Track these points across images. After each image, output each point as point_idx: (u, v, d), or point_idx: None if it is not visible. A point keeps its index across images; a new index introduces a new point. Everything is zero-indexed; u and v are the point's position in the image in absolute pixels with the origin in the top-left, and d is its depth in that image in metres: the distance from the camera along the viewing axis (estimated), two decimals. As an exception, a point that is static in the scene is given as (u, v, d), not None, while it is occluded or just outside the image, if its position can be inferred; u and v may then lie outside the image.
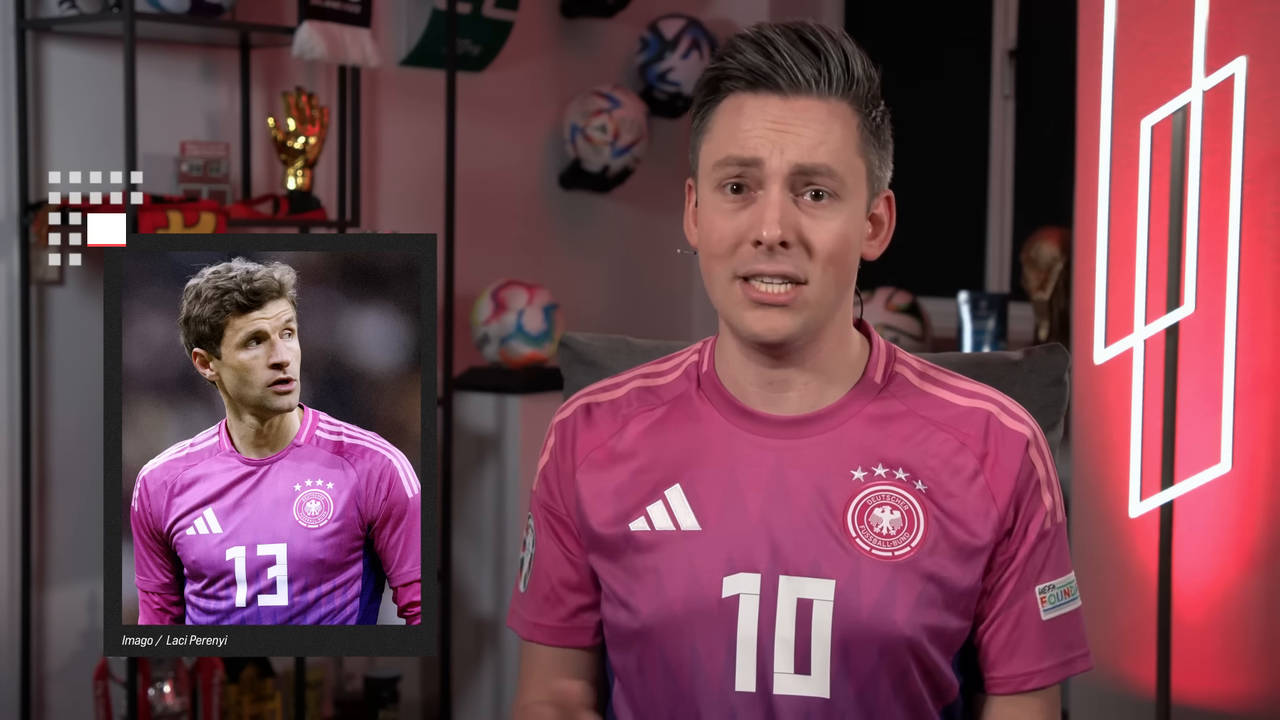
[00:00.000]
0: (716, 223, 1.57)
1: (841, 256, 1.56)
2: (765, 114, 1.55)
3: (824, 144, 1.54)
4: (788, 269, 1.54)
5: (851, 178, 1.57)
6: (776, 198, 1.54)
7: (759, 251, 1.54)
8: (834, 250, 1.55)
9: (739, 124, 1.56)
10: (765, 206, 1.54)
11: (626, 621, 1.62)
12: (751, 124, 1.55)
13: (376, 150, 4.02)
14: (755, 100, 1.56)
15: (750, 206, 1.56)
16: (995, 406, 1.64)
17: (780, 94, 1.55)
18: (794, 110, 1.55)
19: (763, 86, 1.56)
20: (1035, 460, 1.62)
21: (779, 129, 1.54)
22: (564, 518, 1.68)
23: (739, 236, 1.56)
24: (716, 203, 1.58)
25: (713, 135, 1.59)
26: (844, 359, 1.63)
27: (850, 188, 1.57)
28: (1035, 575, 1.61)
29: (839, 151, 1.55)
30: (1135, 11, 3.12)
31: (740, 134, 1.56)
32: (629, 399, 1.69)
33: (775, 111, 1.55)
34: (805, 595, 1.57)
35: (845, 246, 1.56)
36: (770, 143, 1.54)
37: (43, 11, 3.37)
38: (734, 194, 1.57)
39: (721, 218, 1.57)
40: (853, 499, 1.59)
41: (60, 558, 3.46)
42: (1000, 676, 1.62)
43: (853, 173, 1.57)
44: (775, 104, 1.55)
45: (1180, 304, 3.02)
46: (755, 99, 1.56)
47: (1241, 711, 3.14)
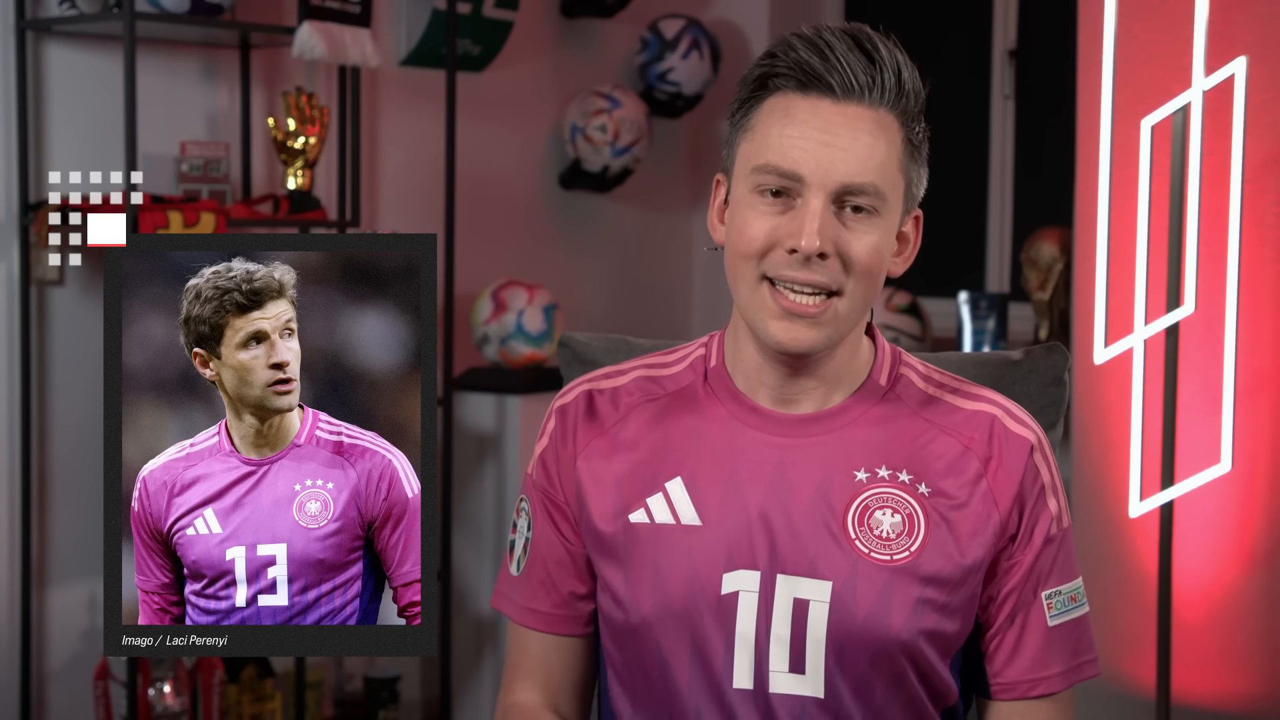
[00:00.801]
0: (751, 221, 1.54)
1: (875, 271, 1.55)
2: (814, 119, 1.52)
3: (870, 159, 1.52)
4: (822, 279, 1.52)
5: (892, 194, 1.55)
6: (818, 210, 1.51)
7: (793, 259, 1.52)
8: (870, 264, 1.54)
9: (785, 130, 1.53)
10: (805, 216, 1.51)
11: (624, 615, 1.61)
12: (799, 131, 1.52)
13: (376, 150, 4.02)
14: (805, 102, 1.53)
15: (789, 213, 1.53)
16: (1000, 410, 1.63)
17: (832, 97, 1.52)
18: (844, 118, 1.52)
19: (814, 88, 1.52)
20: (1039, 465, 1.61)
21: (825, 141, 1.51)
22: (562, 505, 1.67)
23: (773, 240, 1.53)
24: (753, 202, 1.55)
25: (755, 135, 1.55)
26: (852, 363, 1.63)
27: (890, 204, 1.55)
28: (1041, 581, 1.61)
29: (884, 167, 1.53)
30: (1135, 11, 3.12)
31: (786, 142, 1.52)
32: (631, 388, 1.68)
33: (825, 116, 1.52)
34: (801, 595, 1.56)
35: (880, 261, 1.55)
36: (815, 159, 1.51)
37: (43, 11, 3.37)
38: (773, 196, 1.54)
39: (757, 218, 1.54)
40: (854, 500, 1.58)
41: (60, 558, 3.46)
42: (1006, 683, 1.62)
43: (893, 189, 1.55)
44: (826, 108, 1.52)
45: (1180, 304, 3.02)
46: (805, 101, 1.53)
47: (1241, 711, 3.14)
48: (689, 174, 4.80)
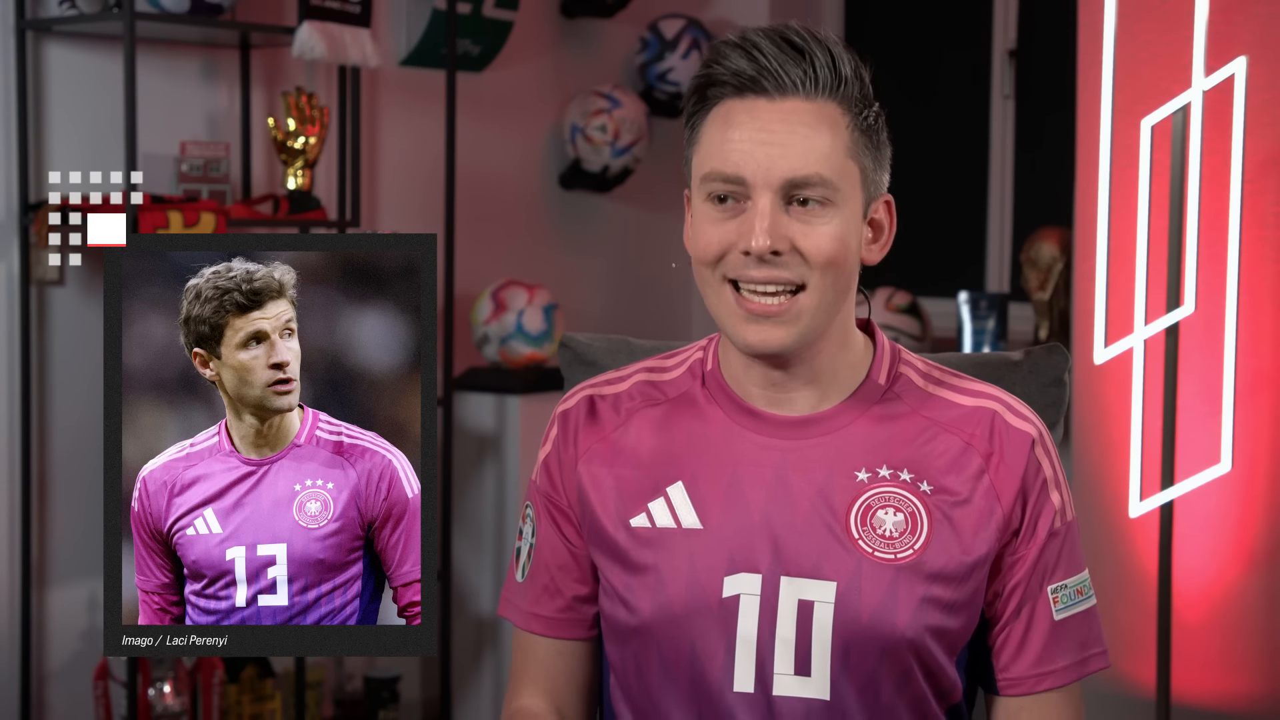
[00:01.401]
0: (705, 229, 1.57)
1: (839, 261, 1.55)
2: (752, 120, 1.53)
3: (812, 151, 1.53)
4: (783, 274, 1.53)
5: (844, 182, 1.55)
6: (765, 208, 1.53)
7: (749, 259, 1.54)
8: (831, 255, 1.54)
9: (726, 135, 1.55)
10: (754, 216, 1.53)
11: (625, 618, 1.61)
12: (739, 134, 1.54)
13: (376, 150, 4.02)
14: (742, 105, 1.54)
15: (739, 216, 1.55)
16: (1000, 405, 1.63)
17: (767, 97, 1.54)
18: (781, 114, 1.53)
19: (749, 91, 1.54)
20: (1041, 459, 1.61)
21: (763, 140, 1.53)
22: (565, 509, 1.67)
23: (726, 245, 1.55)
24: (705, 212, 1.57)
25: (701, 146, 1.58)
26: (847, 361, 1.62)
27: (844, 192, 1.55)
28: (1047, 575, 1.61)
29: (829, 157, 1.53)
30: (1135, 11, 3.12)
31: (727, 146, 1.54)
32: (632, 393, 1.68)
33: (763, 117, 1.53)
34: (806, 597, 1.56)
35: (842, 251, 1.55)
36: (754, 159, 1.53)
37: (43, 11, 3.37)
38: (721, 203, 1.56)
39: (710, 225, 1.56)
40: (856, 500, 1.58)
41: (60, 558, 3.46)
42: (1013, 677, 1.62)
43: (845, 177, 1.55)
44: (763, 107, 1.54)
45: (1180, 304, 3.02)
46: (742, 104, 1.54)
47: (1241, 711, 3.14)
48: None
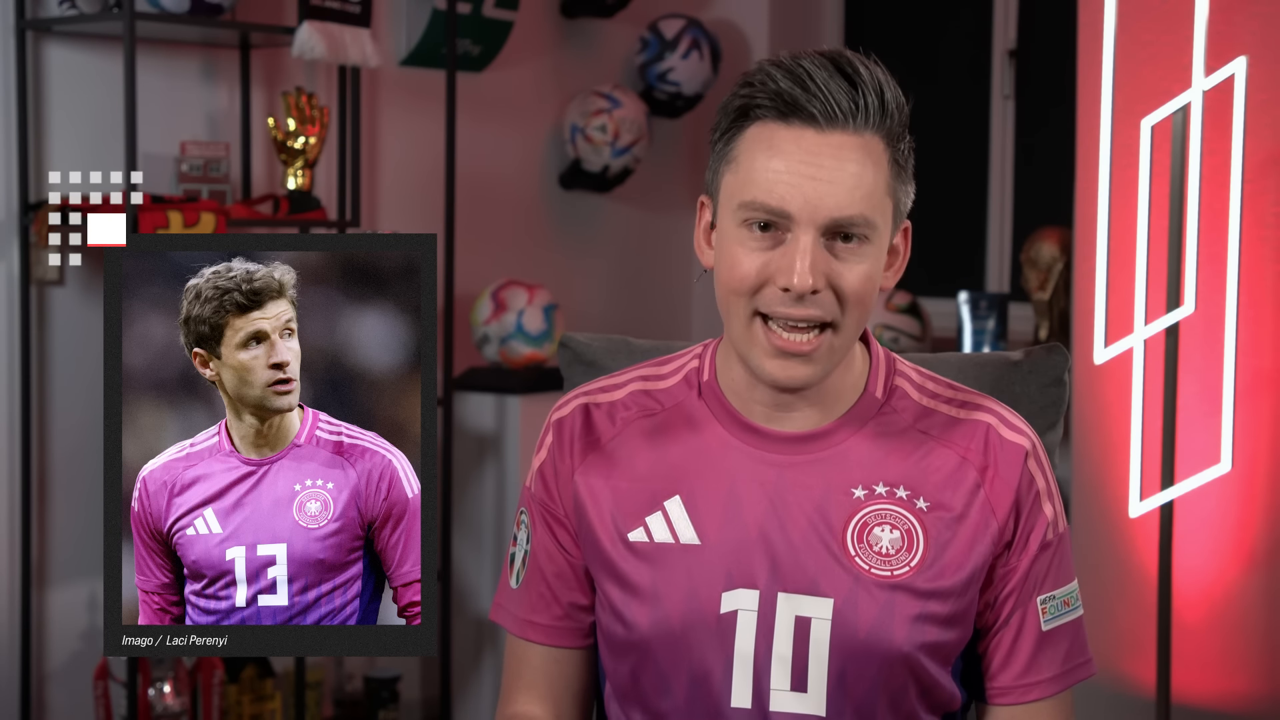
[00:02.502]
0: (741, 259, 1.52)
1: (868, 298, 1.53)
2: (798, 150, 1.49)
3: (859, 189, 1.49)
4: (815, 313, 1.50)
5: (881, 219, 1.52)
6: (808, 246, 1.49)
7: (786, 296, 1.50)
8: (862, 293, 1.52)
9: (770, 163, 1.50)
10: (795, 253, 1.49)
11: (623, 633, 1.61)
12: (784, 164, 1.49)
13: (376, 150, 4.02)
14: (788, 133, 1.50)
15: (778, 248, 1.51)
16: (994, 418, 1.62)
17: (815, 126, 1.49)
18: (830, 147, 1.49)
19: (796, 118, 1.49)
20: (1035, 471, 1.61)
21: (811, 175, 1.48)
22: (562, 517, 1.66)
23: (764, 277, 1.51)
24: (741, 238, 1.52)
25: (739, 167, 1.53)
26: (848, 378, 1.62)
27: (879, 229, 1.52)
28: (1036, 586, 1.60)
29: (872, 195, 1.50)
30: (1135, 11, 3.12)
31: (771, 176, 1.49)
32: (628, 402, 1.67)
33: (809, 147, 1.49)
34: (803, 613, 1.56)
35: (870, 288, 1.53)
36: (802, 194, 1.48)
37: (43, 11, 3.37)
38: (761, 230, 1.51)
39: (746, 254, 1.52)
40: (852, 518, 1.58)
41: (60, 558, 3.46)
42: (1001, 687, 1.62)
43: (883, 214, 1.53)
44: (810, 138, 1.49)
45: (1180, 304, 3.02)
46: (788, 131, 1.50)
47: (1241, 711, 3.14)
48: (689, 174, 4.80)
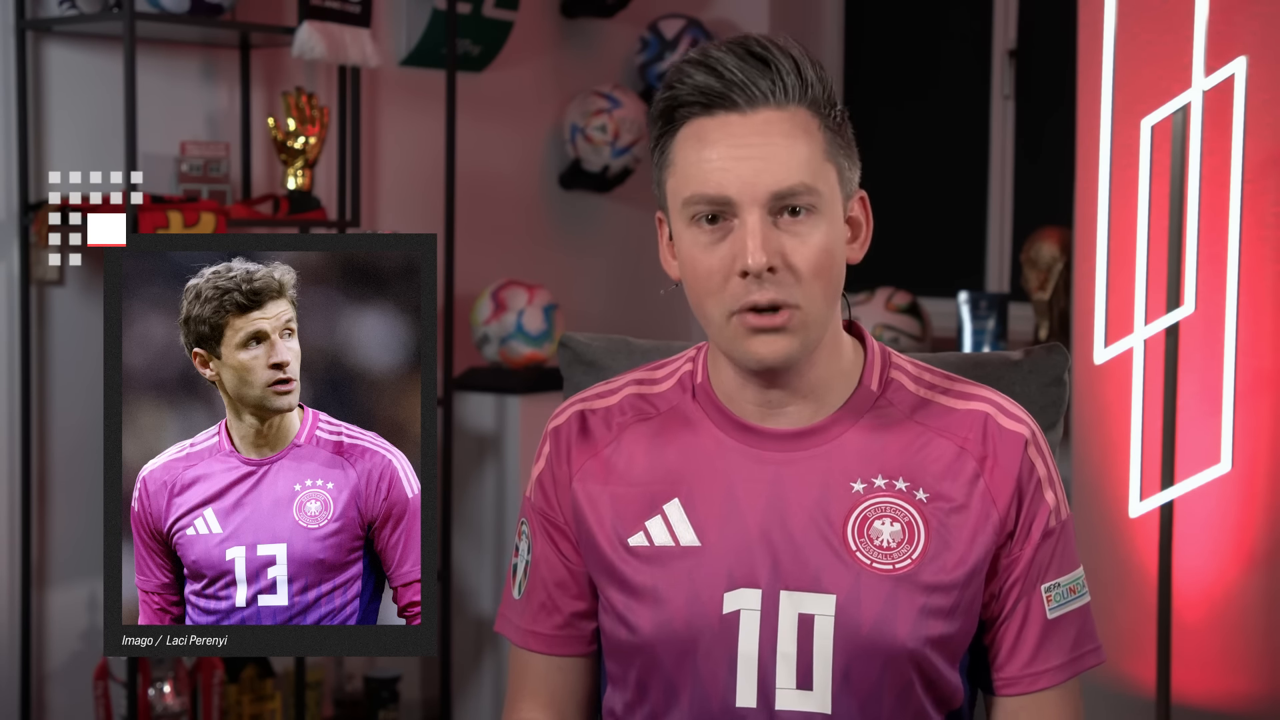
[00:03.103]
0: (699, 258, 1.53)
1: (827, 270, 1.53)
2: (727, 136, 1.51)
3: (792, 159, 1.51)
4: (775, 295, 1.51)
5: (825, 186, 1.53)
6: (755, 225, 1.50)
7: (748, 282, 1.51)
8: (819, 265, 1.52)
9: (702, 154, 1.52)
10: (745, 235, 1.50)
11: (626, 637, 1.61)
12: (715, 152, 1.51)
13: (376, 150, 4.02)
14: (714, 122, 1.52)
15: (730, 236, 1.52)
16: (992, 407, 1.62)
17: (739, 111, 1.51)
18: (755, 126, 1.51)
19: (719, 107, 1.51)
20: (1035, 459, 1.61)
21: (742, 156, 1.50)
22: (562, 526, 1.66)
23: (725, 270, 1.52)
24: (694, 237, 1.54)
25: (677, 169, 1.54)
26: (838, 369, 1.61)
27: (826, 197, 1.53)
28: (1040, 574, 1.60)
29: (808, 163, 1.52)
30: (1135, 11, 3.12)
31: (705, 167, 1.51)
32: (623, 407, 1.67)
33: (736, 131, 1.51)
34: (806, 610, 1.56)
35: (829, 259, 1.53)
36: (738, 176, 1.50)
37: (43, 11, 3.37)
38: (709, 224, 1.53)
39: (702, 252, 1.53)
40: (852, 512, 1.58)
41: (60, 558, 3.46)
42: (1008, 677, 1.62)
43: (825, 181, 1.53)
44: (735, 122, 1.51)
45: (1180, 304, 3.02)
46: (714, 121, 1.52)
47: (1241, 711, 3.14)
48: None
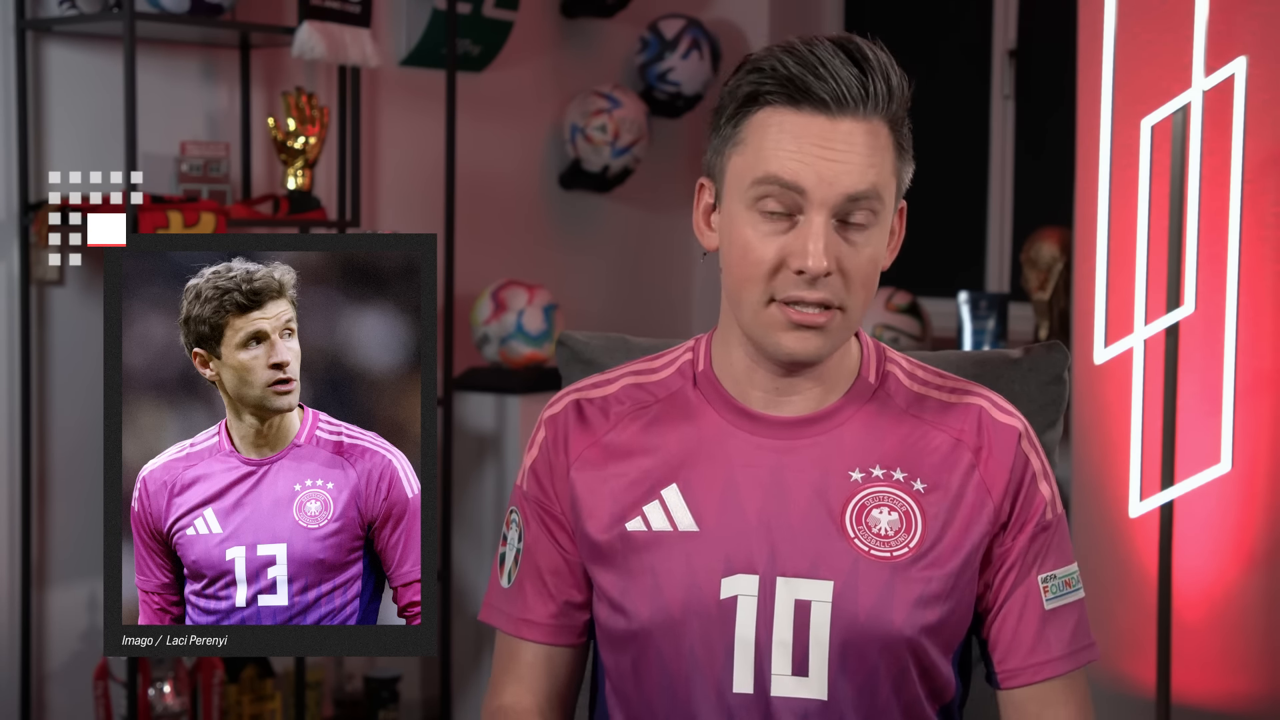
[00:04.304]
0: (754, 244, 1.53)
1: (873, 279, 1.55)
2: (809, 134, 1.50)
3: (870, 169, 1.51)
4: (826, 296, 1.52)
5: (888, 198, 1.55)
6: (821, 228, 1.50)
7: (800, 280, 1.51)
8: (869, 275, 1.54)
9: (781, 141, 1.51)
10: (809, 236, 1.50)
11: (622, 623, 1.61)
12: (796, 144, 1.50)
13: (376, 150, 4.02)
14: (798, 118, 1.51)
15: (791, 231, 1.52)
16: (985, 401, 1.65)
17: (826, 113, 1.50)
18: (839, 133, 1.50)
19: (807, 103, 1.50)
20: (1028, 451, 1.63)
21: (824, 155, 1.50)
22: (558, 514, 1.67)
23: (779, 262, 1.52)
24: (753, 222, 1.53)
25: (748, 148, 1.53)
26: (842, 362, 1.64)
27: (887, 208, 1.55)
28: (1036, 565, 1.62)
29: (882, 175, 1.52)
30: (1135, 11, 3.12)
31: (783, 153, 1.50)
32: (620, 396, 1.68)
33: (819, 132, 1.50)
34: (803, 596, 1.56)
35: (874, 269, 1.55)
36: (815, 171, 1.50)
37: (43, 11, 3.37)
38: (772, 216, 1.52)
39: (760, 239, 1.53)
40: (850, 500, 1.59)
41: (60, 558, 3.46)
42: (1011, 669, 1.63)
43: (889, 193, 1.55)
44: (820, 124, 1.50)
45: (1180, 304, 3.02)
46: (798, 116, 1.51)
47: (1241, 711, 3.14)
48: (689, 174, 4.80)
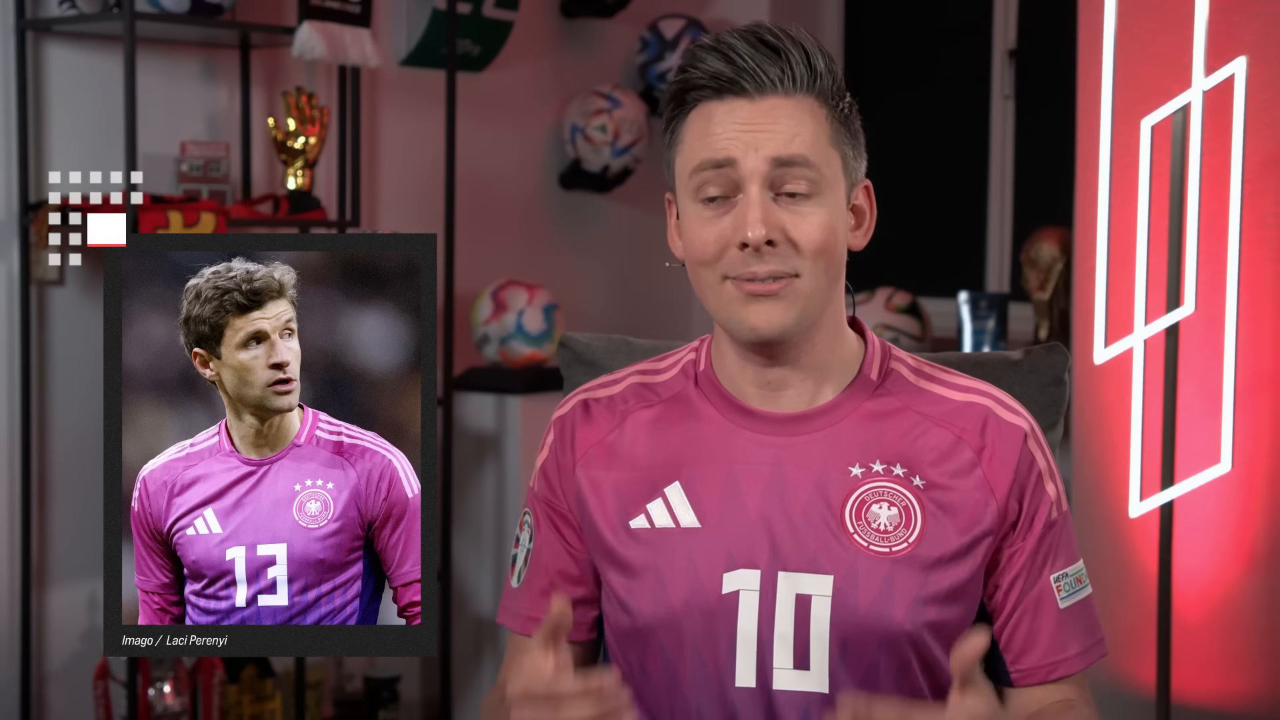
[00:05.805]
0: (699, 230, 1.58)
1: (829, 249, 1.57)
2: (735, 117, 1.56)
3: (797, 136, 1.55)
4: (776, 267, 1.55)
5: (828, 169, 1.57)
6: (757, 197, 1.55)
7: (746, 254, 1.55)
8: (821, 243, 1.56)
9: (709, 129, 1.57)
10: (746, 207, 1.55)
11: (628, 620, 1.62)
12: (722, 128, 1.56)
13: (376, 150, 4.02)
14: (723, 106, 1.57)
15: (731, 211, 1.57)
16: (992, 401, 1.65)
17: (748, 97, 1.56)
18: (762, 111, 1.56)
19: (729, 92, 1.56)
20: (1034, 451, 1.63)
21: (749, 128, 1.55)
22: (566, 513, 1.68)
23: (723, 241, 1.57)
24: (697, 211, 1.58)
25: (684, 146, 1.60)
26: (840, 357, 1.64)
27: (828, 180, 1.57)
28: (1047, 564, 1.63)
29: (813, 144, 1.56)
30: (1135, 11, 3.12)
31: (711, 138, 1.56)
32: (626, 395, 1.70)
33: (744, 115, 1.56)
34: (803, 591, 1.57)
35: (832, 239, 1.57)
36: (743, 143, 1.55)
37: (43, 11, 3.37)
38: (711, 203, 1.57)
39: (703, 225, 1.58)
40: (850, 495, 1.60)
41: (60, 558, 3.46)
42: (1026, 669, 1.64)
43: (829, 164, 1.58)
44: (744, 107, 1.56)
45: (1180, 304, 3.02)
46: (723, 105, 1.57)
47: (1241, 711, 3.14)
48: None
